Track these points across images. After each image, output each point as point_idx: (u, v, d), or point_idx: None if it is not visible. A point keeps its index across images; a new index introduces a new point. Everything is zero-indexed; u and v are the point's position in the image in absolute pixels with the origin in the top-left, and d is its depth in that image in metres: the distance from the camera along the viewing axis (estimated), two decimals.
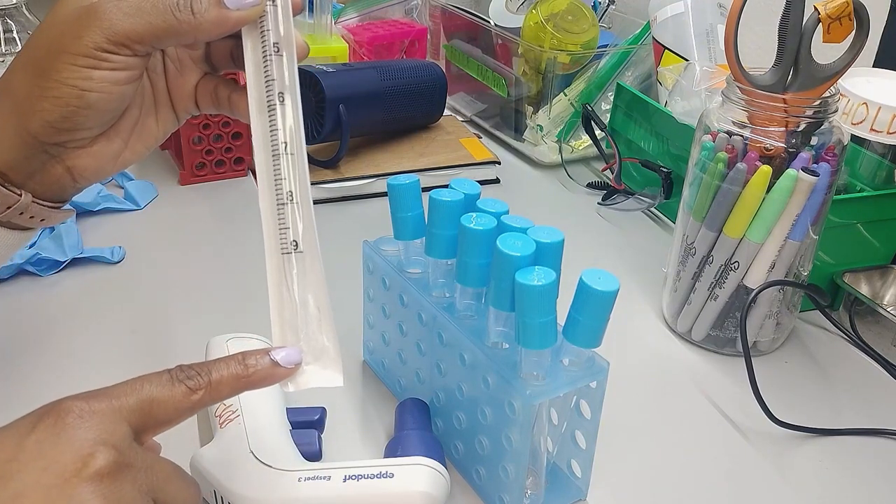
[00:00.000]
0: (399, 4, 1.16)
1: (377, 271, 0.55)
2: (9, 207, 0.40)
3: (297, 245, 0.38)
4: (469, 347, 0.47)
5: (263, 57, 0.38)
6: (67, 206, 0.44)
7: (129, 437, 0.32)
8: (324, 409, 0.52)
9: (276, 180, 0.38)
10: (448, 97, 0.99)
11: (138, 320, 0.64)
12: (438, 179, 0.88)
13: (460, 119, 1.05)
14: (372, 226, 0.68)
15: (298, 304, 0.38)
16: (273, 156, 0.37)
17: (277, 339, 0.38)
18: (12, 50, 0.85)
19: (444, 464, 0.47)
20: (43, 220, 0.42)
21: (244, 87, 0.39)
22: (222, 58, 0.44)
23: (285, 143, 0.37)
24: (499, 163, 0.92)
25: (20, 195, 0.40)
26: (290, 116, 0.37)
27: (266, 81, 0.37)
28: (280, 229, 0.38)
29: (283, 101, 0.37)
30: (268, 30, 0.38)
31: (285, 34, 0.38)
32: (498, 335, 0.46)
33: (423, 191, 0.51)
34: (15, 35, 0.86)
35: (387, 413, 0.56)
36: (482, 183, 0.87)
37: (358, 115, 0.86)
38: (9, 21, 0.85)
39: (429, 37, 1.15)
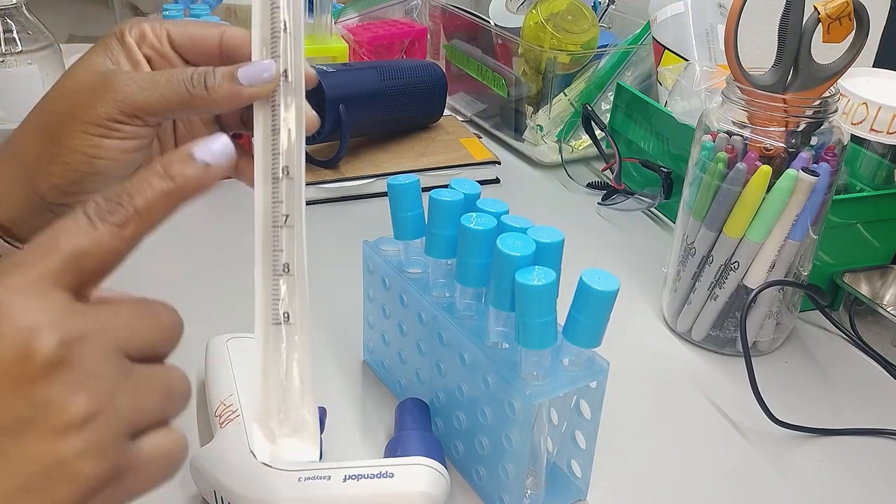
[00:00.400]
0: (399, 4, 1.16)
1: (377, 271, 0.55)
2: None
3: (288, 317, 0.38)
4: (469, 347, 0.47)
5: (272, 130, 0.38)
6: None
7: (67, 302, 0.27)
8: (324, 409, 0.52)
9: (273, 251, 0.38)
10: (448, 97, 0.99)
11: None
12: (438, 179, 0.88)
13: (460, 119, 1.05)
14: (372, 226, 0.68)
15: (284, 375, 0.37)
16: (273, 226, 0.38)
17: (260, 407, 0.37)
18: (12, 50, 0.85)
19: (444, 464, 0.47)
20: None
21: (252, 155, 0.39)
22: (232, 121, 0.44)
23: (286, 215, 0.38)
24: (499, 163, 0.92)
25: (21, 249, 0.40)
26: (295, 190, 0.38)
27: (273, 154, 0.38)
28: (272, 300, 0.38)
29: (287, 174, 0.37)
30: (278, 104, 0.38)
31: (296, 110, 0.38)
32: (498, 335, 0.46)
33: (423, 191, 0.51)
34: (15, 35, 0.86)
35: (387, 413, 0.56)
36: (482, 183, 0.87)
37: (358, 115, 0.86)
38: (9, 21, 0.85)
39: (429, 37, 1.15)
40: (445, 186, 0.49)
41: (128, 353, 0.28)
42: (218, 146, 0.31)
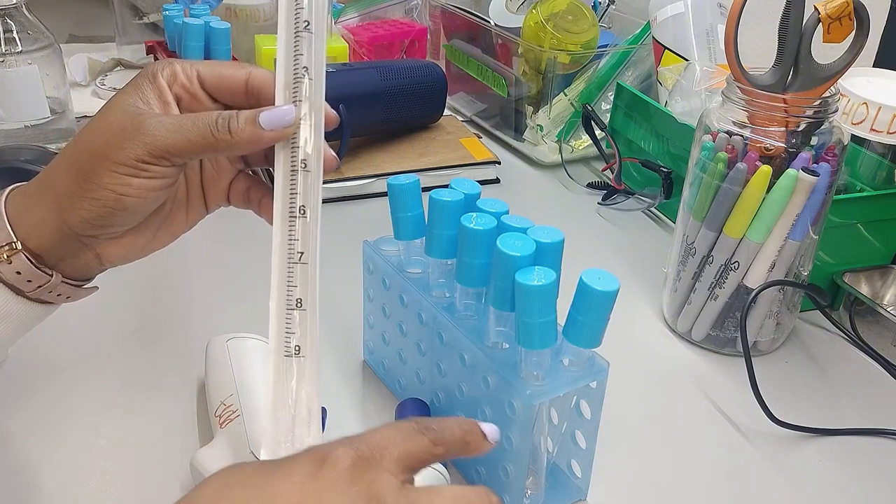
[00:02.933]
0: (399, 4, 1.16)
1: (377, 271, 0.55)
2: (40, 286, 0.43)
3: (299, 350, 0.39)
4: (469, 347, 0.47)
5: (291, 170, 0.40)
6: (91, 285, 0.46)
7: (395, 485, 0.33)
8: (324, 409, 0.52)
9: (288, 286, 0.39)
10: (448, 97, 0.99)
11: (138, 320, 0.64)
12: (438, 179, 0.88)
13: (460, 119, 1.05)
14: (372, 226, 0.68)
15: (293, 406, 0.39)
16: (289, 262, 0.39)
17: (270, 436, 0.39)
18: (12, 50, 0.85)
19: (444, 464, 0.47)
20: (68, 297, 0.45)
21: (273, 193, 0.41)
22: (257, 157, 0.46)
23: (301, 252, 0.39)
24: (499, 163, 0.92)
25: (51, 275, 0.42)
26: (310, 228, 0.39)
27: (291, 194, 0.39)
28: (286, 333, 0.39)
29: (304, 213, 0.39)
30: (298, 146, 0.40)
31: (314, 152, 0.40)
32: (498, 335, 0.46)
33: (423, 191, 0.51)
34: (15, 35, 0.86)
35: (387, 413, 0.56)
36: (482, 183, 0.87)
37: (358, 115, 0.86)
38: (9, 21, 0.85)
39: (429, 37, 1.15)
40: (445, 186, 0.49)
41: None
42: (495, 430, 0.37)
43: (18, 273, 0.42)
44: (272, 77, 0.41)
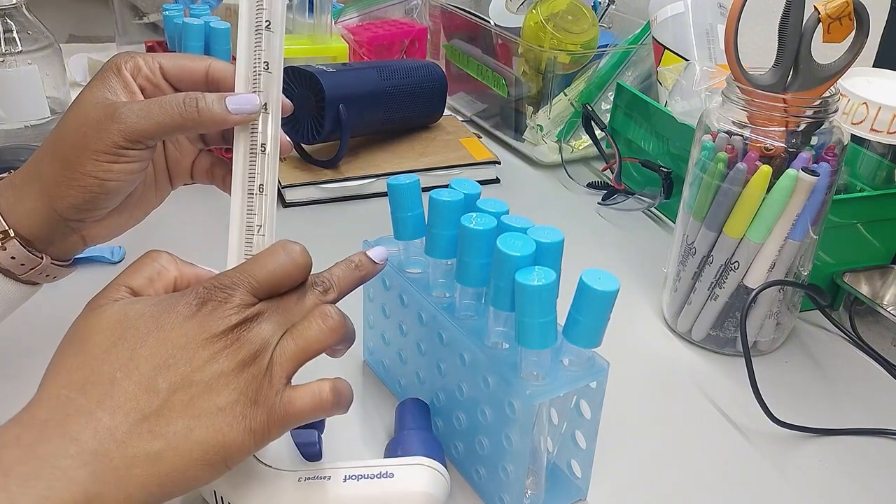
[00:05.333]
0: (399, 4, 1.16)
1: None
2: (31, 269, 0.47)
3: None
4: (469, 347, 0.47)
5: (250, 152, 0.44)
6: (69, 265, 0.50)
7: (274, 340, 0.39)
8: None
9: (246, 255, 0.44)
10: (448, 97, 0.99)
11: None
12: (438, 179, 0.88)
13: (460, 119, 1.05)
14: (372, 226, 0.68)
15: None
16: (247, 234, 0.44)
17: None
18: (12, 50, 0.85)
19: (444, 464, 0.47)
20: (55, 277, 0.49)
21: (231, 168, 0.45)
22: (214, 137, 0.51)
23: (259, 226, 0.44)
24: (499, 163, 0.92)
25: (42, 258, 0.47)
26: (268, 205, 0.44)
27: (250, 173, 0.44)
28: None
29: (262, 191, 0.43)
30: (258, 131, 0.43)
31: (273, 137, 0.44)
32: (498, 335, 0.46)
33: (423, 191, 0.51)
34: (15, 35, 0.86)
35: (387, 413, 0.56)
36: (482, 183, 0.87)
37: (358, 114, 0.86)
38: (9, 21, 0.85)
39: (429, 37, 1.15)
40: (445, 186, 0.49)
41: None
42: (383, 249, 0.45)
43: (13, 258, 0.46)
44: (231, 69, 0.45)
